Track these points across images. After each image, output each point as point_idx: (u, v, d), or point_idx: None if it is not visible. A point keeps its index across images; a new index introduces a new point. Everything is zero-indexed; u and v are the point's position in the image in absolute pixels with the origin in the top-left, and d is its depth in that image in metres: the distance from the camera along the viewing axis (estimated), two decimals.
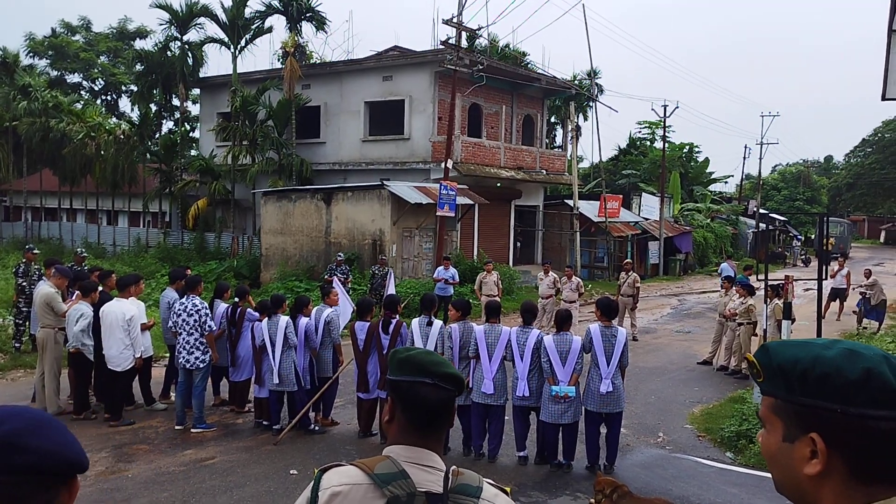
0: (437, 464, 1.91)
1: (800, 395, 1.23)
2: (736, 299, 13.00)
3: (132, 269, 20.46)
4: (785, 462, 1.26)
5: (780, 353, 1.27)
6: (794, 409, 1.24)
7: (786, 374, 1.25)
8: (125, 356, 8.84)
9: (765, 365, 1.30)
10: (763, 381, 1.30)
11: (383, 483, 1.82)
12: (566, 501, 6.88)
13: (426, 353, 2.01)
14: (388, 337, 8.37)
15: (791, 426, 1.25)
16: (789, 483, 1.28)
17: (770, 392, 1.29)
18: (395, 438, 1.95)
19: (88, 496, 6.75)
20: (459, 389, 1.99)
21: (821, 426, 1.20)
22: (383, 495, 1.81)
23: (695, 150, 46.67)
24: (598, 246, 30.52)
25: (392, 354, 2.03)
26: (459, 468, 1.94)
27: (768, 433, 1.30)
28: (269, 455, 8.06)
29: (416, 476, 1.85)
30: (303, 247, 21.99)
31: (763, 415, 1.31)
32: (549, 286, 16.29)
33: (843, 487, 1.20)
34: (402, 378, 1.95)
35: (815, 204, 61.47)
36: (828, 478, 1.21)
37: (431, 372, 1.93)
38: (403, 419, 1.94)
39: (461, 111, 24.42)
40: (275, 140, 25.67)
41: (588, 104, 38.40)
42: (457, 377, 1.98)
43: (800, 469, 1.23)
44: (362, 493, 1.82)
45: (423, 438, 1.92)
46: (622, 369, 7.70)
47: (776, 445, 1.28)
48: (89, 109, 36.18)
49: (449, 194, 19.42)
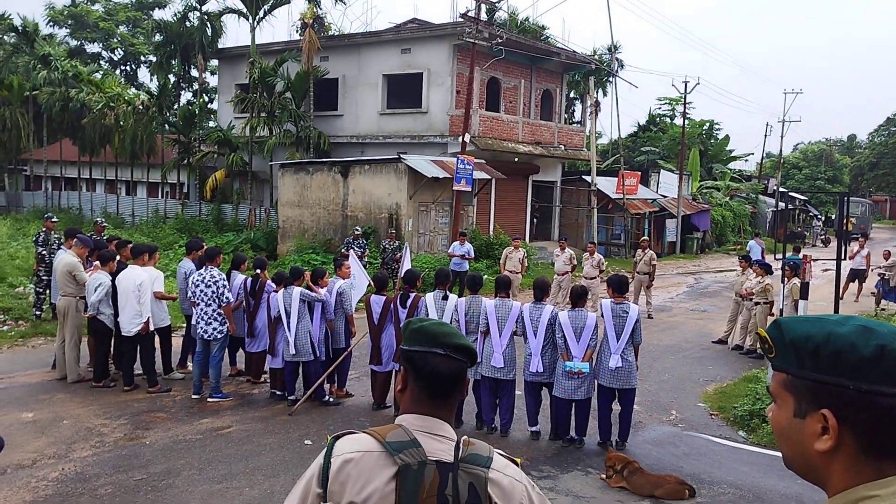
0: (449, 433, 1.93)
1: (812, 371, 1.22)
2: (753, 278, 12.91)
3: (150, 240, 20.66)
4: (795, 437, 1.26)
5: (792, 328, 1.27)
6: (805, 385, 1.24)
7: (798, 349, 1.24)
8: (136, 321, 8.96)
9: (777, 340, 1.29)
10: (775, 356, 1.30)
11: (395, 451, 1.84)
12: (577, 476, 6.93)
13: (439, 324, 2.02)
14: (405, 311, 8.40)
15: (802, 402, 1.24)
16: (799, 458, 1.28)
17: (781, 368, 1.29)
18: (408, 408, 1.96)
19: (107, 462, 6.88)
20: (472, 361, 2.00)
21: (832, 402, 1.20)
22: (395, 463, 1.83)
23: (715, 128, 46.15)
24: (615, 223, 30.37)
25: (405, 325, 2.04)
26: (470, 438, 1.95)
27: (779, 409, 1.30)
28: (284, 425, 8.16)
29: (427, 445, 1.87)
30: (320, 220, 22.05)
31: (774, 390, 1.31)
32: (565, 262, 16.26)
33: (852, 463, 1.20)
34: (414, 348, 1.96)
35: (837, 183, 60.72)
36: (838, 453, 1.21)
37: (444, 343, 1.94)
38: (416, 389, 1.95)
39: (479, 85, 24.24)
40: (292, 112, 25.65)
41: (608, 79, 37.95)
42: (469, 348, 1.98)
43: (810, 445, 1.23)
44: (374, 461, 1.84)
45: (434, 408, 1.94)
46: (635, 346, 7.70)
47: (786, 421, 1.28)
48: (108, 79, 36.30)
49: (466, 168, 19.36)
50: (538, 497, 1.96)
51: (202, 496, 6.16)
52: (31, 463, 6.78)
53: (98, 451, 7.18)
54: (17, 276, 15.73)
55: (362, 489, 1.80)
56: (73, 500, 6.02)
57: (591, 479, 6.83)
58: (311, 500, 1.85)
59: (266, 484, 6.45)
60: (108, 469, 6.70)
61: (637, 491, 6.40)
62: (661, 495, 6.34)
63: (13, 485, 6.26)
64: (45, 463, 6.81)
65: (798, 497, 6.53)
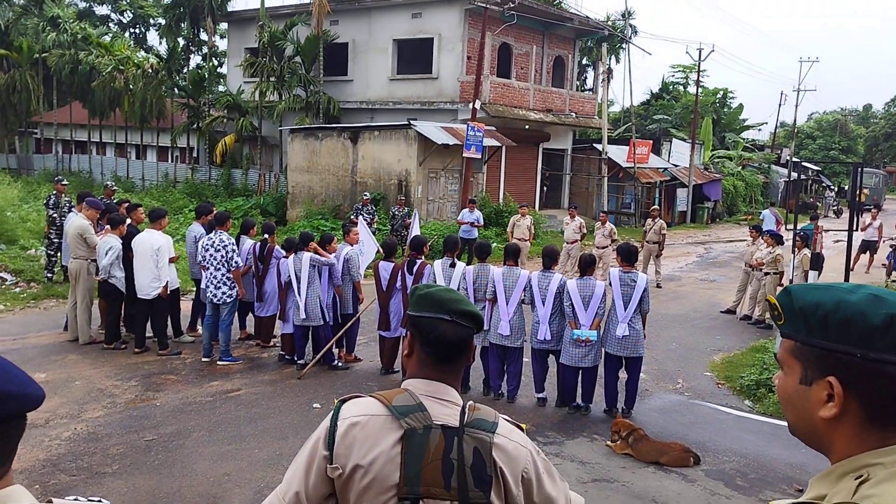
0: (455, 398, 1.94)
1: (820, 339, 1.22)
2: (763, 248, 12.85)
3: (160, 204, 20.69)
4: (801, 405, 1.26)
5: (802, 295, 1.26)
6: (813, 353, 1.23)
7: (807, 316, 1.24)
8: (154, 286, 9.03)
9: (786, 307, 1.28)
10: (783, 323, 1.29)
11: (401, 415, 1.85)
12: (583, 443, 6.98)
13: (445, 290, 2.02)
14: (412, 277, 8.42)
15: (809, 369, 1.24)
16: (804, 425, 1.28)
17: (790, 335, 1.28)
18: (414, 373, 1.97)
19: (118, 422, 6.98)
20: (478, 327, 2.00)
21: (839, 370, 1.20)
22: (400, 427, 1.84)
23: (729, 96, 45.60)
24: (625, 192, 30.20)
25: (412, 291, 2.04)
26: (476, 404, 1.96)
27: (786, 376, 1.29)
28: (292, 388, 8.24)
29: (432, 409, 1.88)
30: (329, 185, 22.02)
31: (781, 357, 1.30)
32: (574, 231, 16.19)
33: (857, 431, 1.20)
34: (421, 314, 1.96)
35: (851, 154, 60.06)
36: (842, 421, 1.21)
37: (450, 309, 1.94)
38: (422, 354, 1.96)
39: (491, 51, 23.98)
40: (302, 77, 25.48)
41: (621, 46, 37.49)
42: (475, 315, 1.98)
43: (815, 412, 1.23)
44: (380, 424, 1.85)
45: (440, 373, 1.94)
46: (643, 315, 7.70)
47: (793, 388, 1.27)
48: (118, 42, 36.11)
49: (476, 136, 19.24)
50: (543, 462, 1.97)
51: (212, 457, 6.25)
52: (44, 422, 6.89)
53: (109, 411, 7.28)
54: (28, 238, 15.83)
55: (368, 452, 1.82)
56: (86, 458, 6.12)
57: (596, 446, 6.89)
58: (317, 462, 1.86)
59: (275, 446, 6.54)
60: (119, 429, 6.81)
61: (642, 458, 6.45)
62: (665, 462, 6.39)
63: (26, 443, 6.36)
64: (57, 423, 6.91)
65: (802, 466, 6.57)
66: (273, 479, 5.69)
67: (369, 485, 1.81)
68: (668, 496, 5.79)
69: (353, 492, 1.83)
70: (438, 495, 1.82)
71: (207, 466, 6.06)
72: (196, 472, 5.93)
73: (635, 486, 5.98)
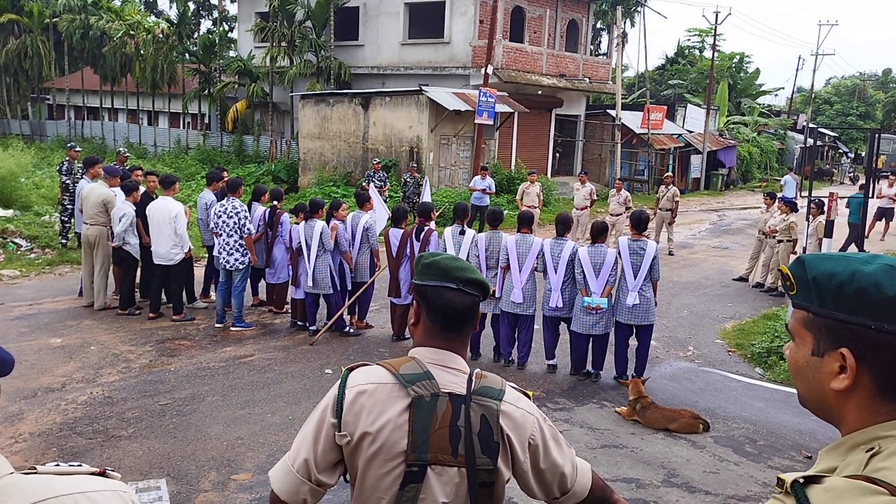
0: (461, 366, 1.93)
1: (833, 310, 1.20)
2: (777, 216, 12.73)
3: (173, 170, 20.74)
4: (812, 376, 1.25)
5: (815, 265, 1.23)
6: (825, 324, 1.21)
7: (820, 287, 1.21)
8: (175, 252, 9.08)
9: (799, 278, 1.26)
10: (796, 293, 1.27)
11: (408, 383, 1.85)
12: (592, 409, 7.01)
13: (451, 258, 2.00)
14: (419, 243, 8.42)
15: (821, 340, 1.22)
16: (814, 397, 1.26)
17: (802, 305, 1.26)
18: (421, 341, 1.97)
19: (133, 387, 7.07)
20: (484, 294, 1.99)
21: (852, 342, 1.18)
22: (408, 395, 1.84)
23: (745, 61, 44.83)
24: (639, 158, 29.94)
25: (418, 259, 2.03)
26: (483, 371, 1.96)
27: (797, 346, 1.28)
28: (304, 354, 8.31)
29: (440, 377, 1.88)
30: (340, 152, 21.95)
31: (793, 328, 1.28)
32: (584, 197, 16.06)
33: (868, 403, 1.19)
34: (427, 283, 1.95)
35: (869, 119, 59.12)
36: (854, 393, 1.20)
37: (455, 277, 1.93)
38: (428, 323, 1.95)
39: (503, 14, 23.65)
40: (313, 42, 25.27)
41: (636, 9, 36.86)
42: (481, 282, 1.97)
43: (826, 383, 1.22)
44: (387, 392, 1.86)
45: (447, 341, 1.94)
46: (653, 283, 7.67)
47: (804, 359, 1.26)
48: (128, 7, 35.86)
49: (488, 101, 19.05)
50: (549, 429, 1.97)
51: (225, 421, 6.33)
52: (60, 387, 6.99)
53: (125, 376, 7.37)
54: (42, 204, 15.94)
55: (376, 420, 1.83)
56: (102, 422, 6.22)
57: (605, 412, 6.92)
58: (325, 430, 1.87)
59: (287, 411, 6.61)
60: (134, 394, 6.90)
61: (651, 424, 6.48)
62: (674, 429, 6.42)
63: (44, 407, 6.47)
64: (73, 387, 7.01)
65: (812, 433, 6.58)
66: (285, 443, 5.77)
67: (377, 452, 1.82)
68: (677, 462, 5.83)
69: (361, 459, 1.84)
70: (446, 462, 1.83)
71: (221, 430, 6.14)
72: (210, 436, 6.01)
73: (644, 452, 6.01)
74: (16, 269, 11.57)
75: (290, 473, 1.88)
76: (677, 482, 5.46)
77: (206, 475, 5.35)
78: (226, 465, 5.52)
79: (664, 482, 5.45)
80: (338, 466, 1.90)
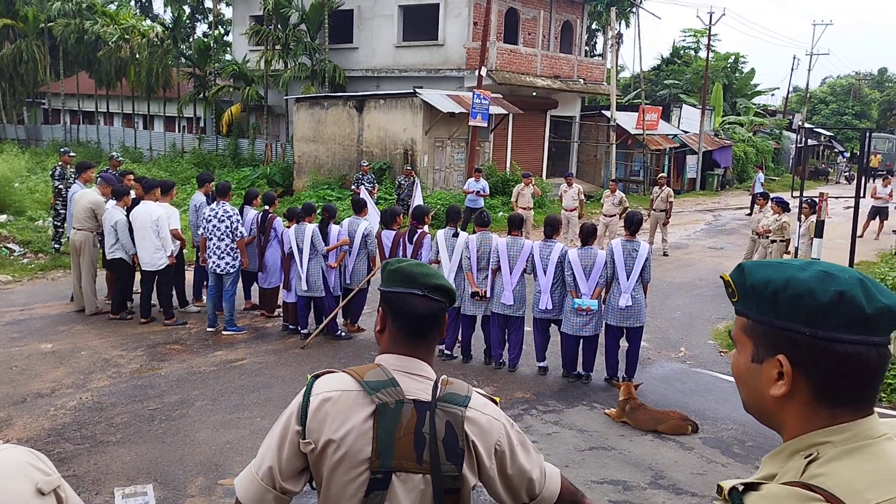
0: (427, 373, 1.94)
1: (770, 317, 1.21)
2: (770, 216, 12.75)
3: (168, 175, 20.74)
4: (752, 383, 1.26)
5: (754, 272, 1.24)
6: (763, 331, 1.22)
7: (758, 294, 1.23)
8: (158, 256, 9.07)
9: (739, 284, 1.27)
10: (737, 300, 1.28)
11: (372, 390, 1.86)
12: (582, 411, 7.02)
13: (416, 264, 2.01)
14: (411, 246, 8.43)
15: (760, 347, 1.23)
16: (756, 403, 1.28)
17: (743, 312, 1.27)
18: (387, 348, 1.98)
19: (123, 392, 7.07)
20: (450, 300, 2.00)
21: (788, 348, 1.19)
22: (372, 402, 1.85)
23: (740, 61, 44.87)
24: (634, 159, 29.95)
25: (383, 266, 2.04)
26: (449, 378, 1.97)
27: (738, 353, 1.29)
28: (296, 358, 8.31)
29: (405, 384, 1.89)
30: (335, 155, 21.95)
31: (735, 335, 1.29)
32: (573, 198, 15.95)
33: (806, 409, 1.20)
34: (392, 289, 1.96)
35: (865, 119, 59.20)
36: (792, 399, 1.21)
37: (421, 283, 1.94)
38: (394, 329, 1.96)
39: (497, 16, 23.67)
40: (307, 45, 25.27)
41: (631, 10, 36.93)
42: (447, 288, 1.98)
43: (766, 390, 1.23)
44: (352, 399, 1.86)
45: (412, 348, 1.95)
46: (644, 285, 7.68)
47: (745, 365, 1.27)
48: (123, 11, 35.92)
49: (482, 103, 19.06)
50: (517, 435, 1.98)
51: (214, 425, 6.34)
52: (49, 392, 6.99)
53: (115, 381, 7.37)
54: (36, 209, 15.92)
55: (340, 427, 1.83)
56: (90, 427, 6.22)
57: (595, 414, 6.93)
58: (290, 437, 1.88)
59: (276, 414, 6.50)
60: (123, 399, 6.90)
61: (640, 426, 6.49)
62: (663, 430, 6.43)
63: (33, 412, 6.47)
64: (63, 392, 7.01)
65: None
66: None
67: (342, 459, 1.83)
68: (665, 464, 5.84)
69: (325, 466, 1.85)
70: (410, 469, 1.84)
71: (209, 435, 6.15)
72: (198, 441, 6.02)
73: (632, 453, 6.02)
74: (8, 275, 11.56)
75: (255, 481, 1.89)
76: (664, 484, 5.48)
77: (193, 480, 5.35)
78: (213, 469, 5.52)
79: (651, 484, 5.47)
80: (303, 474, 1.91)
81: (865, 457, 1.15)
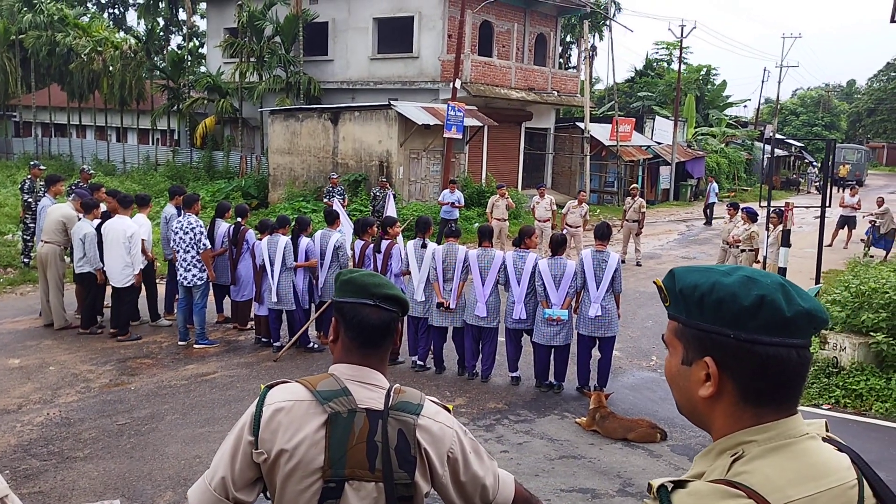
0: (380, 382, 1.96)
1: (697, 320, 1.25)
2: (740, 226, 12.93)
3: (142, 188, 20.56)
4: (683, 384, 1.30)
5: (683, 277, 1.29)
6: (692, 333, 1.27)
7: (686, 298, 1.27)
8: (126, 273, 8.97)
9: (670, 289, 1.32)
10: (669, 305, 1.33)
11: (325, 400, 1.88)
12: (553, 420, 7.06)
13: (369, 274, 2.04)
14: (380, 256, 8.45)
15: (689, 350, 1.28)
16: (687, 404, 1.32)
17: (673, 316, 1.32)
18: (340, 357, 2.00)
19: (91, 407, 6.99)
20: (403, 310, 2.03)
21: (714, 350, 1.23)
22: (324, 411, 1.87)
23: (712, 73, 45.57)
24: (608, 170, 30.22)
25: (336, 276, 2.06)
26: (402, 387, 1.99)
27: (670, 356, 1.33)
28: (268, 371, 8.27)
29: (357, 393, 1.91)
30: (310, 167, 21.91)
31: (667, 338, 1.34)
32: (546, 209, 15.97)
33: (732, 409, 1.24)
34: (344, 299, 1.98)
35: (834, 130, 60.30)
36: (720, 400, 1.25)
37: (373, 293, 1.96)
38: (346, 339, 1.98)
39: (471, 29, 23.85)
40: (282, 57, 25.25)
41: (604, 23, 37.36)
42: (399, 298, 2.01)
43: (695, 391, 1.27)
44: (304, 409, 1.88)
45: (365, 358, 1.97)
46: (616, 295, 7.75)
47: (676, 368, 1.31)
48: (95, 23, 35.61)
49: (457, 115, 19.17)
50: (470, 442, 2.01)
51: (184, 439, 6.29)
52: (16, 408, 6.89)
53: (83, 396, 7.29)
54: (5, 223, 15.73)
55: (293, 437, 1.85)
56: (57, 443, 6.14)
57: (566, 423, 6.97)
58: (243, 447, 1.89)
59: None
60: (92, 414, 6.82)
61: (609, 434, 6.54)
62: (633, 438, 6.48)
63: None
64: (30, 408, 6.92)
65: None
66: None
67: (294, 468, 1.84)
68: (633, 471, 5.88)
69: (278, 476, 1.86)
70: (363, 477, 1.85)
71: (179, 449, 6.09)
72: (167, 455, 5.96)
73: (601, 461, 6.07)
74: None
75: (208, 492, 1.90)
76: (632, 491, 5.52)
77: (161, 495, 5.31)
78: (182, 483, 5.47)
79: (619, 492, 5.51)
80: (256, 484, 1.92)
81: (787, 455, 1.19)
